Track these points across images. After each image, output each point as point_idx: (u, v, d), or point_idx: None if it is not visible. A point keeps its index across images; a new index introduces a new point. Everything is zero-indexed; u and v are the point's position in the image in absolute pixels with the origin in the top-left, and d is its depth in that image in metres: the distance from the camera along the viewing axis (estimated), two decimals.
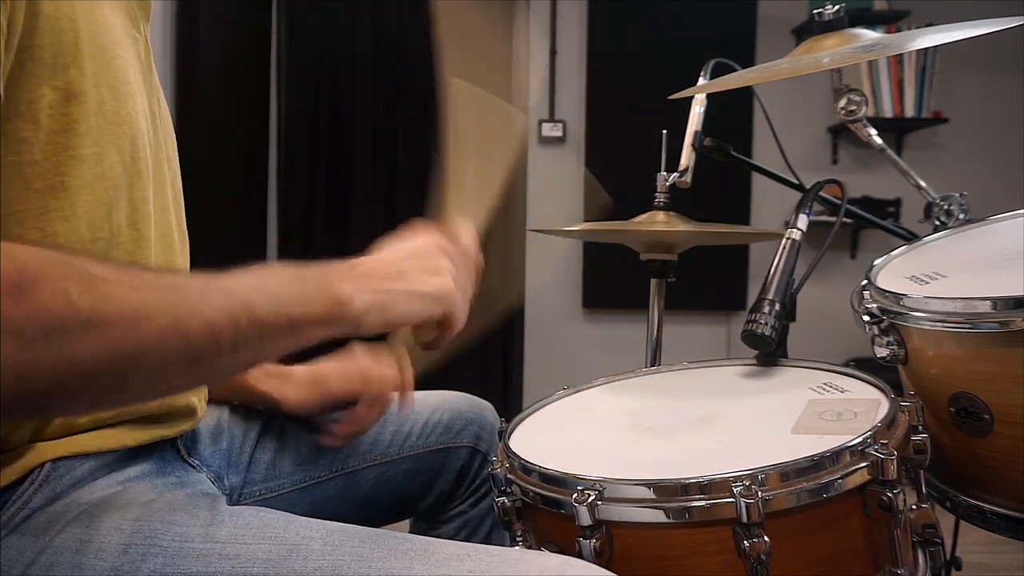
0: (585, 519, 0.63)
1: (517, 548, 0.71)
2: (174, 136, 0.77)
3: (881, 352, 0.85)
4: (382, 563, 0.57)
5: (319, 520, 0.62)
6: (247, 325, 0.51)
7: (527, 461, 0.71)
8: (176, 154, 0.76)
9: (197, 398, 0.75)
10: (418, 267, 0.65)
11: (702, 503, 0.62)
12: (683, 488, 0.63)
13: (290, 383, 0.90)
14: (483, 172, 0.84)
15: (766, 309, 0.89)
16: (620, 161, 3.20)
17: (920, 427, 0.72)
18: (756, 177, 3.28)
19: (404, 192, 3.28)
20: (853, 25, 1.08)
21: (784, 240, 0.94)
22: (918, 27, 2.78)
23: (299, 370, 0.92)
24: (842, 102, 1.14)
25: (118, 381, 0.47)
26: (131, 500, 0.62)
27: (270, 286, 0.55)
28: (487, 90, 0.86)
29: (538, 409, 0.91)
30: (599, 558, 0.63)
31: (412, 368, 0.88)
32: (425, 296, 0.64)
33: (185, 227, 0.77)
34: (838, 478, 0.63)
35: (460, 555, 0.58)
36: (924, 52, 3.20)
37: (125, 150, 0.63)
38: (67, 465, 0.61)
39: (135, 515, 0.60)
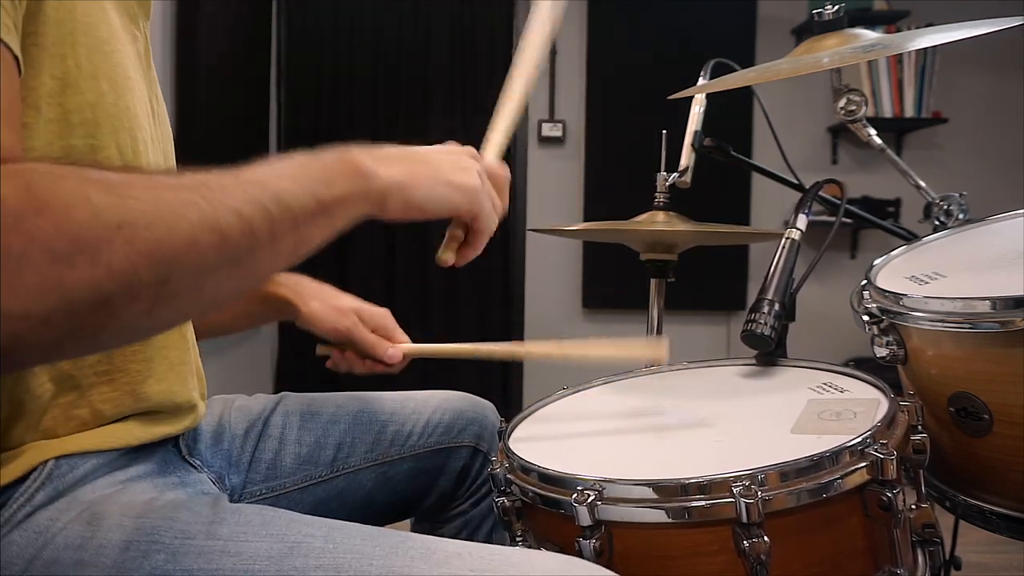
0: (585, 519, 0.63)
1: (519, 547, 0.71)
2: (171, 134, 0.77)
3: (881, 352, 0.86)
4: (383, 561, 0.57)
5: (321, 518, 0.62)
6: (278, 212, 0.50)
7: (527, 461, 0.71)
8: (173, 152, 0.77)
9: (198, 393, 0.75)
10: (446, 160, 0.65)
11: (702, 503, 0.62)
12: (683, 488, 0.63)
13: (316, 298, 0.93)
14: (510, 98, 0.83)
15: (766, 309, 0.89)
16: (620, 161, 3.21)
17: (920, 427, 0.72)
18: (756, 177, 3.28)
19: None
20: (853, 25, 1.08)
21: (784, 240, 0.94)
22: (918, 27, 2.78)
23: (328, 290, 0.95)
24: (842, 102, 1.14)
25: (163, 288, 0.45)
26: (133, 498, 0.62)
27: (291, 171, 0.53)
28: None
29: (538, 409, 0.91)
30: (599, 558, 0.63)
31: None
32: (450, 184, 0.63)
33: None
34: (838, 478, 0.63)
35: (462, 553, 0.58)
36: (924, 52, 3.21)
37: (125, 144, 0.63)
38: (69, 463, 0.62)
39: (137, 512, 0.60)
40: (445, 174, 0.63)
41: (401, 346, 0.94)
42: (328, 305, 0.94)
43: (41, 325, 0.41)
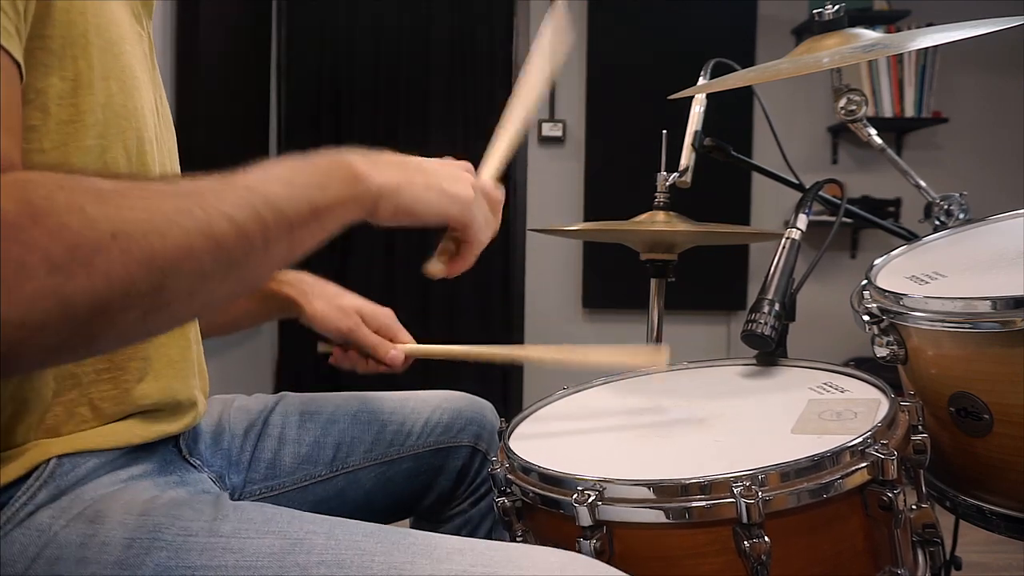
0: (585, 519, 0.63)
1: (520, 543, 0.71)
2: (174, 134, 0.77)
3: (881, 352, 0.86)
4: (385, 557, 0.57)
5: (323, 515, 0.62)
6: (272, 217, 0.50)
7: (527, 461, 0.71)
8: (176, 152, 0.77)
9: (199, 391, 0.75)
10: (440, 169, 0.65)
11: (702, 503, 0.62)
12: (683, 488, 0.63)
13: (320, 297, 0.94)
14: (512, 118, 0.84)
15: (766, 309, 0.89)
16: (620, 161, 3.21)
17: (920, 427, 0.72)
18: (756, 177, 3.28)
19: None
20: (853, 25, 1.08)
21: (784, 240, 0.94)
22: (918, 27, 2.78)
23: (332, 288, 0.96)
24: (842, 102, 1.14)
25: (159, 295, 0.46)
26: (135, 497, 0.62)
27: (285, 175, 0.53)
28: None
29: (538, 409, 0.91)
30: (599, 558, 0.63)
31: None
32: (443, 191, 0.63)
33: None
34: (838, 478, 0.63)
35: (463, 550, 0.58)
36: (924, 52, 3.20)
37: (131, 144, 0.63)
38: (71, 462, 0.62)
39: (139, 510, 0.60)
40: (438, 181, 0.63)
41: (403, 347, 0.94)
42: (332, 304, 0.94)
43: (39, 333, 0.41)
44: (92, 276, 0.42)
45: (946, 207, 1.10)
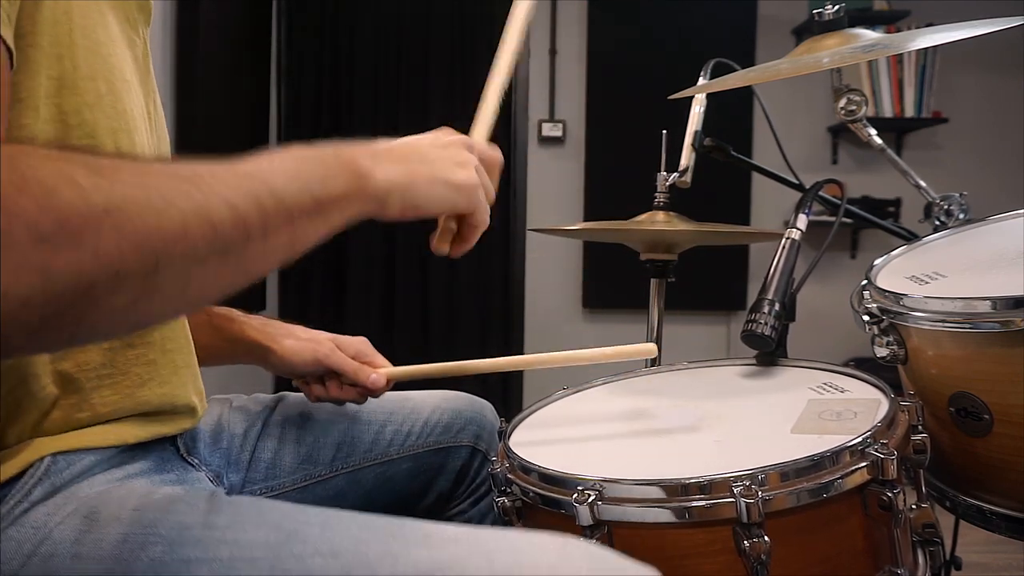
0: (585, 519, 0.63)
1: (517, 530, 0.70)
2: (168, 144, 0.77)
3: (881, 352, 0.86)
4: (380, 546, 0.56)
5: (317, 507, 0.62)
6: (273, 207, 0.49)
7: (527, 461, 0.71)
8: (170, 157, 0.76)
9: (198, 396, 0.75)
10: (443, 156, 0.64)
11: (702, 503, 0.62)
12: (683, 488, 0.63)
13: (288, 336, 0.91)
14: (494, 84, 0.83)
15: (766, 309, 0.89)
16: (620, 161, 3.21)
17: (920, 427, 0.72)
18: (756, 177, 3.28)
19: None
20: (853, 25, 1.09)
21: (784, 240, 0.94)
22: (918, 27, 2.78)
23: (299, 328, 0.93)
24: (842, 102, 1.14)
25: (150, 279, 0.43)
26: (130, 493, 0.62)
27: (289, 166, 0.52)
28: None
29: (538, 409, 0.91)
30: None
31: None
32: (448, 183, 0.63)
33: None
34: (838, 478, 0.63)
35: (459, 537, 0.57)
36: (924, 52, 3.20)
37: (124, 146, 0.63)
38: (67, 460, 0.62)
39: (133, 506, 0.59)
40: (443, 172, 0.63)
41: (383, 370, 0.92)
42: (302, 340, 0.91)
43: (20, 308, 0.39)
44: (80, 252, 0.39)
45: (946, 207, 1.10)
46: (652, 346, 0.84)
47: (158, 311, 0.49)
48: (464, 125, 0.78)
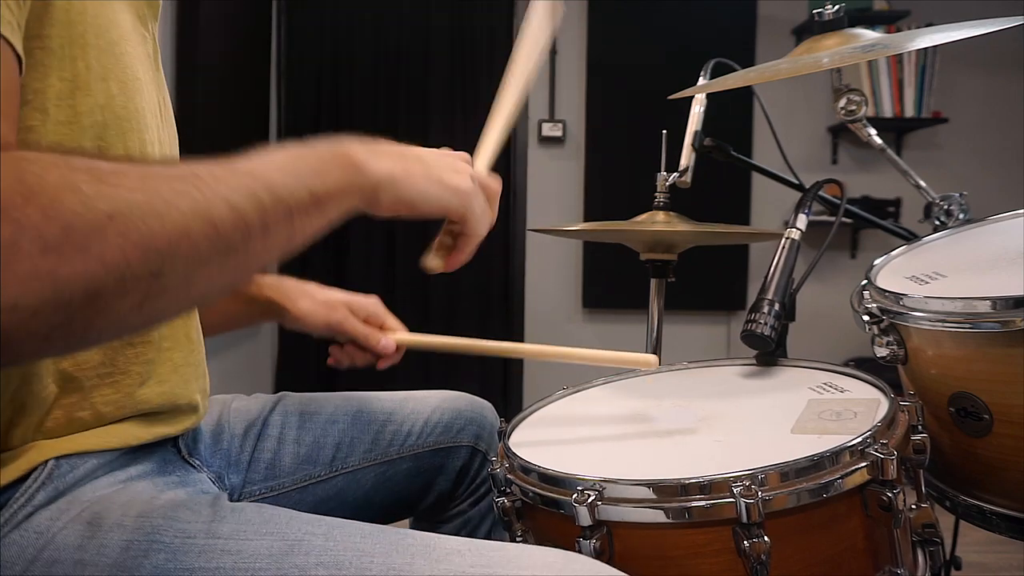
0: (585, 519, 0.63)
1: (519, 543, 0.71)
2: (176, 136, 0.77)
3: (881, 352, 0.86)
4: (383, 558, 0.57)
5: (321, 516, 0.62)
6: (271, 203, 0.49)
7: (527, 461, 0.71)
8: (178, 153, 0.76)
9: (201, 394, 0.75)
10: (440, 160, 0.65)
11: (702, 503, 0.62)
12: (683, 488, 0.63)
13: (304, 296, 0.94)
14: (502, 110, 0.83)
15: (766, 309, 0.89)
16: (620, 161, 3.21)
17: (920, 427, 0.72)
18: (756, 177, 3.28)
19: None
20: (853, 25, 1.08)
21: (783, 240, 0.94)
22: (918, 27, 2.78)
23: (314, 287, 0.96)
24: (842, 102, 1.14)
25: (155, 281, 0.44)
26: (133, 498, 0.62)
27: (285, 162, 0.53)
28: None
29: (538, 409, 0.91)
30: (599, 558, 0.63)
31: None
32: (442, 183, 0.63)
33: None
34: (838, 478, 0.63)
35: (461, 550, 0.58)
36: (924, 52, 3.20)
37: (133, 146, 0.63)
38: (69, 463, 0.61)
39: (137, 512, 0.60)
40: (438, 173, 0.63)
41: (393, 336, 0.94)
42: (317, 302, 0.94)
43: (31, 318, 0.39)
44: (87, 258, 0.40)
45: (946, 207, 1.10)
46: (653, 358, 0.84)
47: (163, 311, 0.49)
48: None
